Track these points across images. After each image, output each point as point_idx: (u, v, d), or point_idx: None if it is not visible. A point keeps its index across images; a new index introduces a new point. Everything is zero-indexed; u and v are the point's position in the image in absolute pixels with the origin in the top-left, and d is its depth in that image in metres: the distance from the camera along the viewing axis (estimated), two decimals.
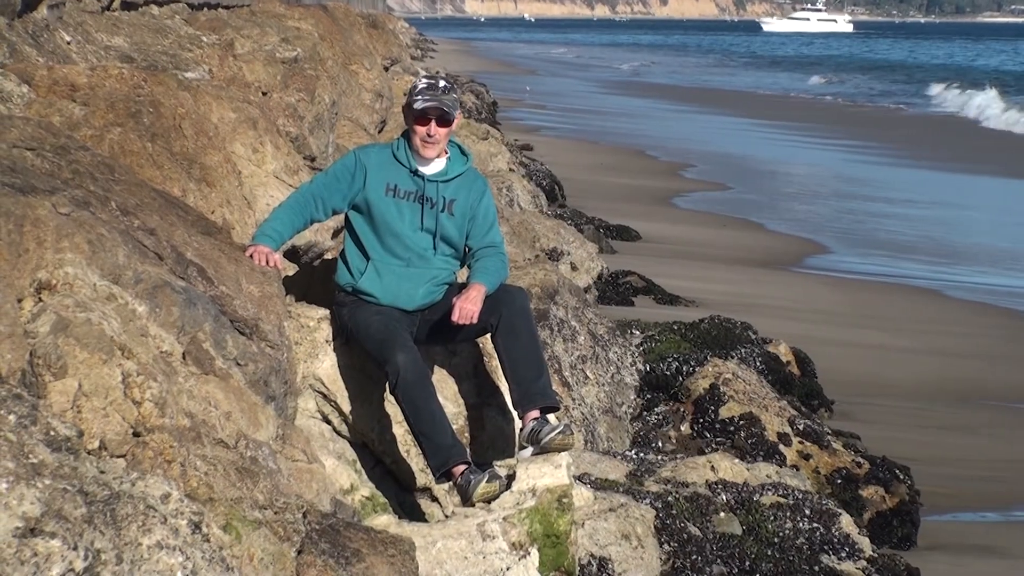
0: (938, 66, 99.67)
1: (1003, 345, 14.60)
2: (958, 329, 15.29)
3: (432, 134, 6.43)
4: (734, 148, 35.90)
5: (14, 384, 3.56)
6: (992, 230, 24.11)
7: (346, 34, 16.55)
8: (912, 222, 24.03)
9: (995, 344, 14.65)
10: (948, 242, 22.04)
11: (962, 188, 29.55)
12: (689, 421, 9.79)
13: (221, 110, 6.89)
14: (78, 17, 7.69)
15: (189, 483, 3.92)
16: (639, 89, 63.90)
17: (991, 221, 25.13)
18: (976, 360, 13.88)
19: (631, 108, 51.43)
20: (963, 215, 25.65)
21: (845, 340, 14.26)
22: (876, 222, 23.76)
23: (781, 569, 7.26)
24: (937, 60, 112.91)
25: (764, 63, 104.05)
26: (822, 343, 13.39)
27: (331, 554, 4.26)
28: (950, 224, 24.22)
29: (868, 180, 29.92)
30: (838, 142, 39.06)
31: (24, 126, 5.24)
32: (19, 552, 2.90)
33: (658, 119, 46.23)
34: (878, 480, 9.29)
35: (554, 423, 6.31)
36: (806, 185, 29.06)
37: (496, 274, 6.48)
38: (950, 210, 25.98)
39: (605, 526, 7.01)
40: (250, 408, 4.70)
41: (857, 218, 24.29)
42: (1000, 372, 13.43)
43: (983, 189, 29.78)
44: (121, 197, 5.00)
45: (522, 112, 44.16)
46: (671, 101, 55.76)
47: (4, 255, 4.02)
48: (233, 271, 5.16)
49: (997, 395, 12.71)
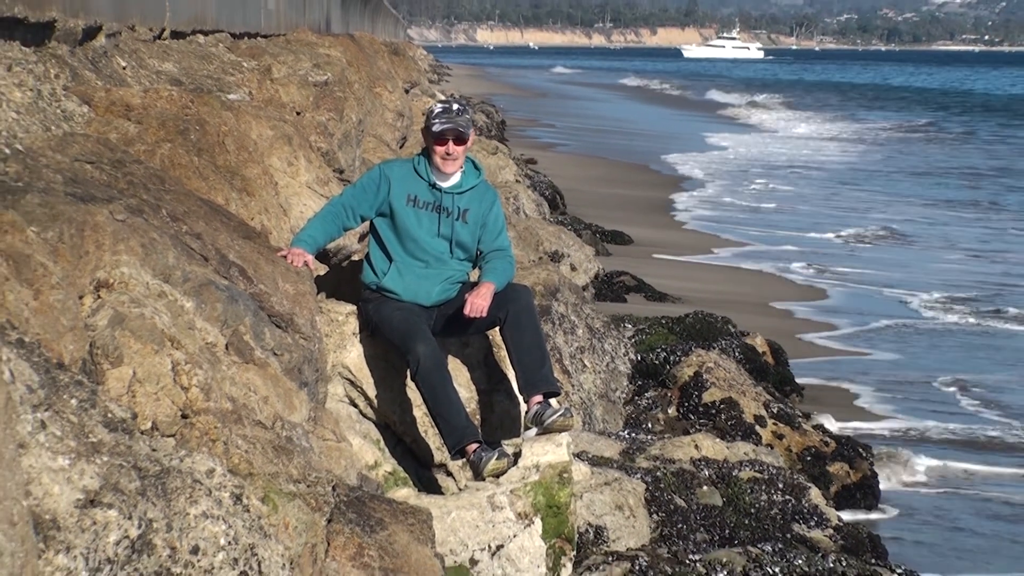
0: (783, 80, 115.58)
1: None
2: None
3: (451, 152, 6.44)
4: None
5: (76, 372, 3.56)
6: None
7: (371, 60, 16.52)
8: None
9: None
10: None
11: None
12: (675, 405, 9.78)
13: (260, 128, 6.89)
14: (132, 45, 7.69)
15: (231, 460, 3.91)
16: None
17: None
18: None
19: (624, 121, 51.89)
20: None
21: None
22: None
23: (757, 536, 7.26)
24: (793, 76, 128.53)
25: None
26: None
27: (357, 523, 4.26)
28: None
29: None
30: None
31: (84, 142, 5.24)
32: (80, 521, 2.90)
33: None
34: (843, 457, 9.30)
35: (556, 407, 6.31)
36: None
37: (504, 274, 6.48)
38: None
39: (601, 498, 7.00)
40: (285, 393, 4.69)
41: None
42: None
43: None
44: (171, 205, 4.99)
45: (537, 131, 44.47)
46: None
47: (67, 257, 4.01)
48: (270, 271, 5.16)
49: None
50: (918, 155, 42.85)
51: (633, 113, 61.81)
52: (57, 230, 4.06)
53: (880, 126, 57.28)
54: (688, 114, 64.04)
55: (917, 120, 61.78)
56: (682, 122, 57.00)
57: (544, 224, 15.55)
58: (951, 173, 36.66)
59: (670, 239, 20.91)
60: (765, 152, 42.71)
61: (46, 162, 4.72)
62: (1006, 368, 13.74)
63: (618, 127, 49.77)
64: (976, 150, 45.63)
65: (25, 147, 4.74)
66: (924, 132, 54.05)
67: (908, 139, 50.27)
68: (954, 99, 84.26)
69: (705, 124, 55.64)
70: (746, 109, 69.13)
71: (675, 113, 64.46)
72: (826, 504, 7.94)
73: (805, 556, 6.76)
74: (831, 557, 6.84)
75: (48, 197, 4.21)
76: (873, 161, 40.48)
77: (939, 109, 72.20)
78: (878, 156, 42.58)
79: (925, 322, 15.95)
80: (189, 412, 4.04)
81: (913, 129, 55.51)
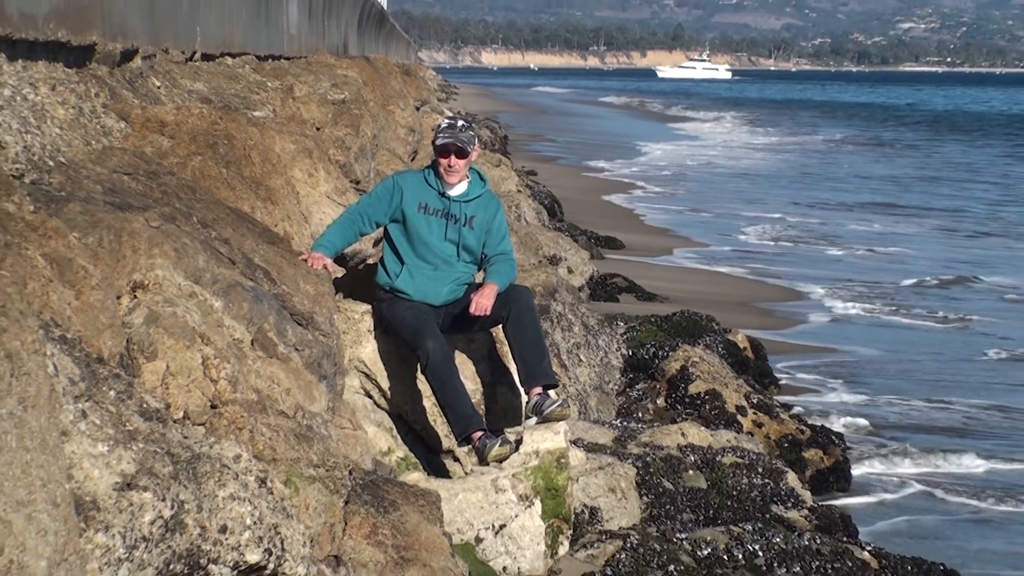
0: (750, 99, 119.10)
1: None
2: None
3: (452, 165, 6.44)
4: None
5: (114, 366, 3.56)
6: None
7: (385, 80, 16.53)
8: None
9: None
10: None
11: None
12: (664, 396, 9.77)
13: (283, 142, 6.88)
14: (166, 66, 7.69)
15: (256, 446, 3.91)
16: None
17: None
18: None
19: (617, 136, 52.17)
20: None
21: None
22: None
23: (739, 516, 7.25)
24: (750, 95, 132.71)
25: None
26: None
27: (372, 504, 4.26)
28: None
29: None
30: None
31: (122, 155, 5.24)
32: (118, 503, 2.90)
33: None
34: (818, 444, 9.30)
35: (554, 397, 6.31)
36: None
37: (507, 276, 6.48)
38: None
39: (595, 481, 7.00)
40: (306, 385, 4.69)
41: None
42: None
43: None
44: (201, 213, 4.99)
45: (539, 145, 44.71)
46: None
47: (106, 260, 4.01)
48: (292, 273, 5.16)
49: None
50: (844, 163, 43.68)
51: (621, 127, 62.68)
52: (97, 236, 4.06)
53: (822, 138, 58.24)
54: (656, 125, 66.35)
55: (864, 133, 62.70)
56: (646, 130, 59.43)
57: (543, 230, 15.55)
58: (867, 178, 37.50)
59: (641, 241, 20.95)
60: (703, 157, 44.31)
61: (87, 174, 4.72)
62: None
63: (611, 141, 50.03)
64: (905, 159, 46.36)
65: (68, 160, 4.74)
66: (856, 144, 54.84)
67: (840, 150, 51.25)
68: (911, 114, 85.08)
69: (659, 130, 59.18)
70: (708, 123, 71.66)
71: (651, 125, 66.24)
72: (802, 487, 7.93)
73: (782, 535, 6.76)
74: (806, 535, 6.84)
75: (89, 206, 4.21)
76: (804, 166, 41.64)
77: (893, 124, 72.97)
78: (810, 161, 43.79)
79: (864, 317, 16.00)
80: (218, 403, 4.04)
81: (847, 142, 56.37)
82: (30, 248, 3.41)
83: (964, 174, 40.00)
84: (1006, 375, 13.26)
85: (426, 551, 4.19)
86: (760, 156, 46.83)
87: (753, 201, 29.90)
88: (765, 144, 54.05)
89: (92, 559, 2.77)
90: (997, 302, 17.45)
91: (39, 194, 4.12)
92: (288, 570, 3.31)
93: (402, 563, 4.10)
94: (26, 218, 3.51)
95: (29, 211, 3.56)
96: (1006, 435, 11.03)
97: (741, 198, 30.54)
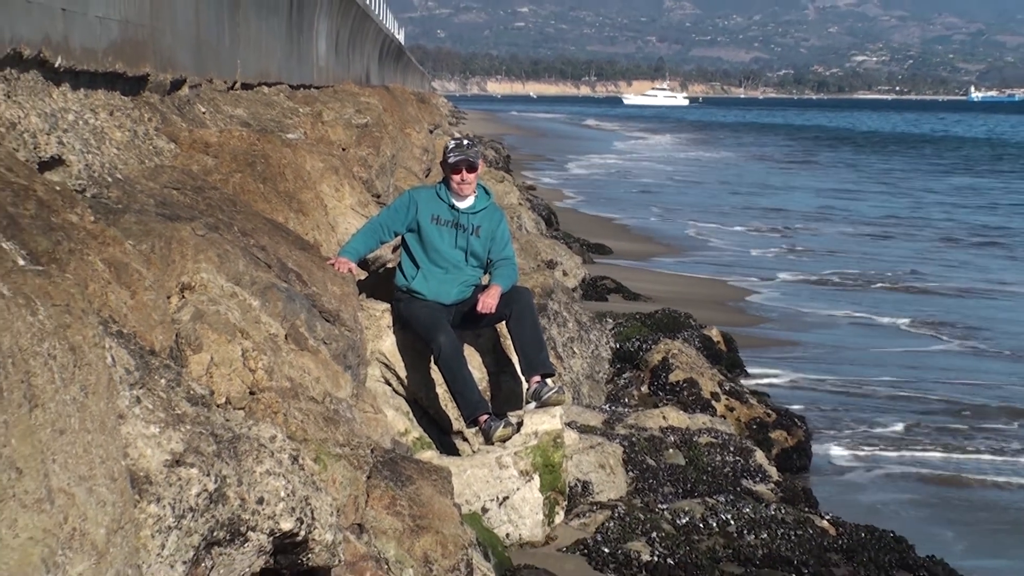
0: (704, 121, 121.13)
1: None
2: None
3: (465, 179, 6.43)
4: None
5: (164, 357, 3.55)
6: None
7: (402, 107, 16.54)
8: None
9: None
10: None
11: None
12: (647, 384, 9.76)
13: (312, 161, 6.88)
14: (210, 94, 7.68)
15: (289, 428, 3.91)
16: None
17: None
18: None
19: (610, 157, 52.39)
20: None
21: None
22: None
23: (713, 489, 7.24)
24: (706, 118, 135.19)
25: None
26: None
27: (391, 478, 4.25)
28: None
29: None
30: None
31: (172, 172, 5.24)
32: (168, 477, 2.90)
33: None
34: (783, 426, 9.27)
35: (551, 385, 6.30)
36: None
37: (509, 278, 6.47)
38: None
39: (587, 459, 6.99)
40: (333, 375, 4.69)
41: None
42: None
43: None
44: (241, 223, 4.99)
45: (540, 164, 44.89)
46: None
47: (157, 265, 4.01)
48: (321, 276, 5.15)
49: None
50: (746, 174, 44.44)
51: (602, 147, 63.28)
52: (149, 243, 4.06)
53: (735, 154, 58.87)
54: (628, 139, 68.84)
55: (781, 149, 63.28)
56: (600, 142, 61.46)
57: (541, 238, 15.54)
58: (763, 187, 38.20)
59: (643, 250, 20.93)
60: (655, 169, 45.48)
61: (141, 188, 4.71)
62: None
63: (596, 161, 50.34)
64: (823, 172, 47.03)
65: (124, 176, 4.74)
66: (760, 158, 55.52)
67: (744, 163, 51.98)
68: (854, 136, 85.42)
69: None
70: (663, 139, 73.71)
71: (624, 141, 67.90)
72: (768, 464, 7.92)
73: (751, 505, 6.75)
74: (772, 506, 6.83)
75: (142, 217, 4.21)
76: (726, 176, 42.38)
77: (831, 143, 73.07)
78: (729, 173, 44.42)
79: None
80: (256, 390, 4.03)
81: (761, 157, 56.84)
82: (91, 254, 3.41)
83: (875, 184, 40.63)
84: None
85: (438, 520, 4.19)
86: (669, 167, 47.82)
87: (642, 205, 30.57)
88: (679, 158, 55.00)
89: (145, 527, 2.77)
90: None
91: (99, 206, 4.12)
92: (317, 536, 3.30)
93: (417, 530, 4.10)
94: (87, 227, 3.51)
95: (90, 221, 3.55)
96: (950, 414, 11.02)
97: (636, 202, 31.28)
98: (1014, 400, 11.53)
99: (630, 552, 6.00)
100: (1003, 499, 8.86)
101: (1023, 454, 9.92)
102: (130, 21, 5.46)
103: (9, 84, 3.88)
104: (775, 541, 6.30)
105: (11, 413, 2.29)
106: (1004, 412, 11.11)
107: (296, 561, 3.32)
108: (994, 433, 10.47)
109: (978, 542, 7.93)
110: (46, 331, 2.50)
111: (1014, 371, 12.87)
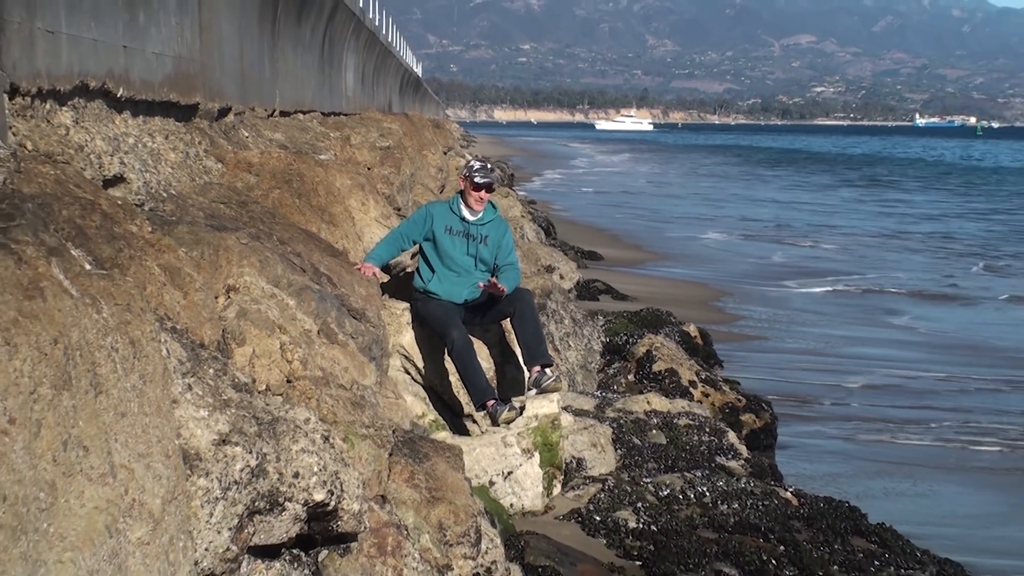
0: (668, 143, 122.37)
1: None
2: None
3: (483, 198, 6.46)
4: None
5: (212, 350, 3.55)
6: None
7: (419, 131, 16.54)
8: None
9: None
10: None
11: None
12: (633, 373, 9.75)
13: (342, 179, 6.88)
14: (252, 121, 7.68)
15: (321, 411, 3.90)
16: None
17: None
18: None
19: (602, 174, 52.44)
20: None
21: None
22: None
23: (691, 465, 7.23)
24: (679, 142, 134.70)
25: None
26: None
27: (410, 456, 4.25)
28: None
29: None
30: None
31: (219, 189, 5.24)
32: (216, 454, 2.89)
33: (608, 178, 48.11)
34: (752, 410, 9.26)
35: (549, 374, 6.29)
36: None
37: (513, 280, 6.47)
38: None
39: (581, 438, 6.98)
40: (360, 365, 4.68)
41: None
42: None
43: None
44: (279, 233, 4.99)
45: (538, 180, 45.00)
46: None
47: (206, 269, 4.01)
48: (349, 279, 5.15)
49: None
50: (691, 187, 44.72)
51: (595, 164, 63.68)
52: (200, 250, 4.06)
53: (684, 169, 59.31)
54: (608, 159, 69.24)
55: (735, 168, 63.29)
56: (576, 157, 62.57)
57: (541, 246, 15.53)
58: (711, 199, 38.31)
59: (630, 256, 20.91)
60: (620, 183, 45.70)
61: (192, 203, 4.71)
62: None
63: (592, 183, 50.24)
64: (763, 184, 47.19)
65: (177, 192, 4.74)
66: (707, 175, 55.70)
67: (692, 176, 52.36)
68: (806, 156, 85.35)
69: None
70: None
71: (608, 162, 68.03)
72: (739, 443, 7.90)
73: (724, 479, 6.74)
74: (743, 480, 6.82)
75: (193, 227, 4.21)
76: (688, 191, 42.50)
77: (781, 163, 73.01)
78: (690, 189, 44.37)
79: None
80: (292, 378, 4.03)
81: (708, 173, 57.03)
82: (148, 260, 3.41)
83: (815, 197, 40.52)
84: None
85: (451, 492, 4.19)
86: (621, 180, 48.04)
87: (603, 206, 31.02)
88: (634, 171, 55.47)
89: (195, 498, 2.77)
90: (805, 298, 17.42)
91: (155, 218, 4.12)
92: (346, 506, 3.30)
93: (433, 501, 4.09)
94: (145, 236, 3.51)
95: (148, 231, 3.55)
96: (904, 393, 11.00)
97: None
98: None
99: (618, 520, 5.99)
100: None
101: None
102: (183, 57, 5.46)
103: (77, 112, 3.88)
104: (745, 510, 6.29)
105: (79, 398, 2.29)
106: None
107: (327, 528, 3.32)
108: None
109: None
110: (109, 327, 2.49)
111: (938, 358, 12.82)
